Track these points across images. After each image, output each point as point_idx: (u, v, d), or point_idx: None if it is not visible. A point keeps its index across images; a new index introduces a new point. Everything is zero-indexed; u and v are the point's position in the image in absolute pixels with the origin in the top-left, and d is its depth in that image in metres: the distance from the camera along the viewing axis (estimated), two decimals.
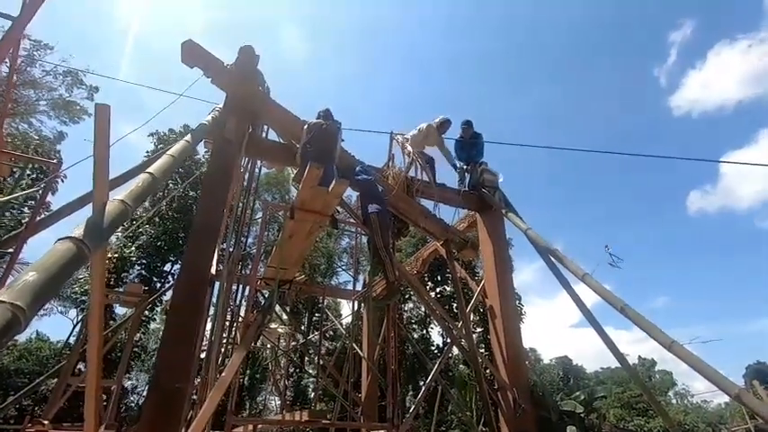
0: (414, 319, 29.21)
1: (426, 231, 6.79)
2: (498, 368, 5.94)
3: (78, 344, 8.87)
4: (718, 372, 3.30)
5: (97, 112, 2.08)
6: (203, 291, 4.36)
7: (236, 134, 5.11)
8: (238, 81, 5.43)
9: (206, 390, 4.66)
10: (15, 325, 1.29)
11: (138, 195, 2.39)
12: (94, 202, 2.02)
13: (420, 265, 8.88)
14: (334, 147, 5.22)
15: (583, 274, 4.70)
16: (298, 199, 5.02)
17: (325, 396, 18.82)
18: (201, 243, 4.36)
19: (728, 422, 38.37)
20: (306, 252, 6.91)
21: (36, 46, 19.56)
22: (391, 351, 6.48)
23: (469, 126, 7.52)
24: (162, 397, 3.54)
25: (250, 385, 25.29)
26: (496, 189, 7.08)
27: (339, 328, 11.70)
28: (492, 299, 6.41)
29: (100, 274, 2.24)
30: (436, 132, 7.30)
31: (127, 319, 10.79)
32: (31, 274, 1.46)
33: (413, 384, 25.55)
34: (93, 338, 2.47)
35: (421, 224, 6.58)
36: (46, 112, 21.13)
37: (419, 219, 6.51)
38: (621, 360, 4.93)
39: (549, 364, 45.01)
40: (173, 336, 3.85)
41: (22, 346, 22.65)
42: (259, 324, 4.53)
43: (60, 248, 1.66)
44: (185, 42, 5.14)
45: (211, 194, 4.73)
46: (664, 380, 48.91)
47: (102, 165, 2.05)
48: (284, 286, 7.40)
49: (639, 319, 3.98)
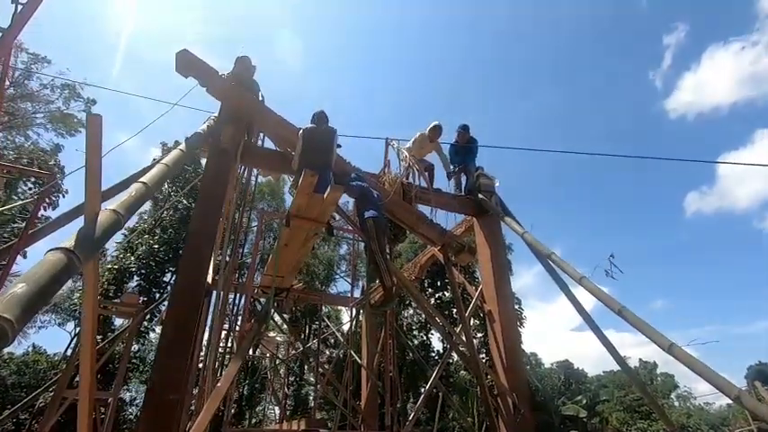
0: (414, 325, 29.10)
1: (423, 237, 6.78)
2: (498, 373, 5.90)
3: (74, 356, 8.80)
4: (717, 374, 3.28)
5: (89, 122, 2.08)
6: (199, 300, 4.33)
7: (231, 143, 5.11)
8: (234, 90, 5.44)
9: (203, 400, 4.62)
10: (3, 337, 1.27)
11: (130, 205, 2.38)
12: (86, 213, 2.01)
13: (418, 271, 8.86)
14: (329, 152, 5.17)
15: (580, 277, 4.70)
16: (293, 206, 5.01)
17: (325, 404, 18.69)
18: (197, 252, 4.34)
19: (731, 424, 38.23)
20: (302, 260, 6.89)
21: (33, 59, 19.64)
22: (389, 357, 6.44)
23: (465, 131, 7.53)
24: (158, 409, 3.50)
25: (249, 395, 25.08)
26: (493, 193, 7.09)
27: (338, 336, 11.65)
28: (490, 303, 6.39)
29: (92, 285, 2.22)
30: (428, 140, 7.33)
31: (123, 330, 10.71)
32: (20, 286, 1.45)
33: (413, 391, 25.38)
34: (85, 350, 2.45)
35: (418, 230, 6.57)
36: (43, 124, 21.14)
37: (416, 224, 6.50)
38: (622, 363, 4.91)
39: (550, 368, 44.83)
40: (168, 346, 3.81)
41: (19, 359, 22.44)
42: (255, 332, 4.49)
43: (51, 259, 1.65)
44: (180, 52, 5.14)
45: (207, 203, 4.71)
46: (665, 382, 48.73)
47: (94, 175, 2.05)
48: (281, 294, 7.38)
49: (637, 322, 3.96)
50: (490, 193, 7.03)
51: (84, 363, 2.48)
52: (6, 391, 19.69)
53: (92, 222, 1.98)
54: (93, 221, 1.98)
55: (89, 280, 2.22)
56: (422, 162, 7.24)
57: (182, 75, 5.28)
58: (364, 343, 8.76)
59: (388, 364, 6.10)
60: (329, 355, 23.62)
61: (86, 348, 2.44)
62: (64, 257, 1.67)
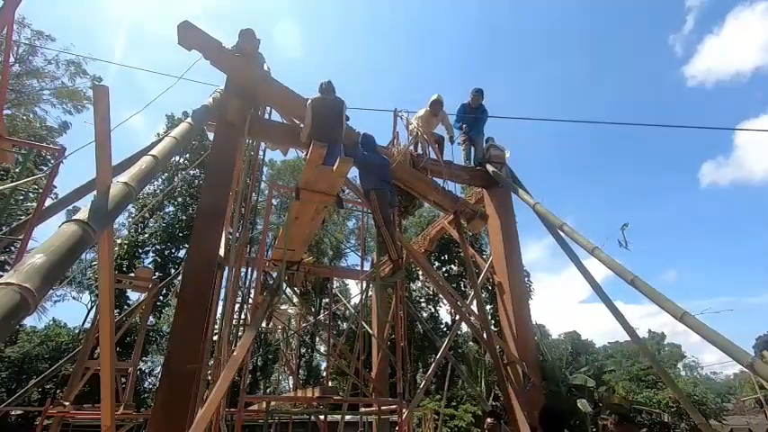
0: (422, 297, 29.48)
1: (435, 204, 6.74)
2: (508, 343, 5.98)
3: (93, 328, 9.07)
4: (730, 341, 3.27)
5: (96, 94, 2.05)
6: (212, 273, 4.39)
7: (238, 116, 5.05)
8: (239, 62, 5.33)
9: (219, 369, 4.75)
10: (24, 307, 1.29)
11: (141, 177, 2.37)
12: (98, 185, 2.01)
13: (428, 244, 8.87)
14: (338, 123, 5.07)
15: (593, 247, 4.66)
16: (302, 179, 4.98)
17: (337, 375, 19.20)
18: (208, 226, 4.36)
19: (738, 393, 38.71)
20: (313, 233, 6.92)
21: (37, 35, 19.46)
22: (399, 328, 6.54)
23: (479, 95, 7.33)
24: (174, 378, 3.60)
25: (263, 365, 25.84)
26: (503, 165, 7.00)
27: (349, 308, 11.82)
28: (500, 275, 6.41)
29: (107, 256, 2.24)
30: (432, 115, 7.18)
31: (139, 303, 10.99)
32: (38, 257, 1.46)
33: (423, 362, 25.95)
34: (104, 321, 2.50)
35: (429, 196, 6.52)
36: (50, 101, 21.14)
37: (427, 191, 6.45)
38: (631, 333, 4.92)
39: (558, 339, 45.43)
40: (184, 319, 3.89)
41: (41, 332, 23.28)
42: (268, 304, 4.57)
43: (66, 231, 1.66)
44: (182, 24, 4.98)
45: (216, 177, 4.71)
46: (673, 353, 49.28)
47: (104, 147, 2.03)
48: (292, 267, 7.45)
49: (650, 291, 3.95)
50: (501, 165, 6.94)
51: (103, 333, 2.54)
52: (31, 362, 20.52)
53: (104, 194, 1.98)
54: (105, 194, 1.98)
55: (103, 252, 2.25)
56: (431, 135, 7.12)
57: (184, 48, 5.13)
58: (374, 315, 8.89)
59: (398, 335, 6.18)
60: (339, 327, 24.14)
61: (105, 318, 2.50)
62: (79, 229, 1.67)
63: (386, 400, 6.59)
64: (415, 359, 23.89)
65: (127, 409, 8.54)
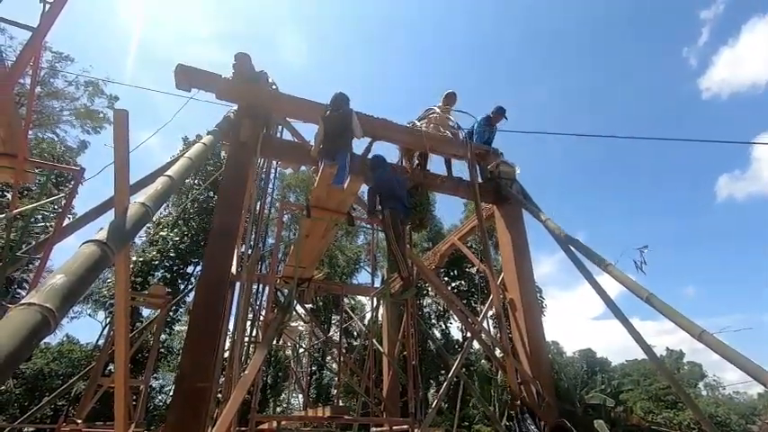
0: (432, 314, 29.15)
1: (449, 154, 7.07)
2: (521, 361, 5.87)
3: (107, 345, 9.12)
4: (751, 361, 3.18)
5: (116, 117, 2.13)
6: (224, 291, 4.43)
7: (250, 136, 5.16)
8: (244, 90, 5.43)
9: (230, 388, 4.74)
10: (45, 326, 1.33)
11: (157, 197, 2.43)
12: (116, 206, 2.07)
13: (438, 260, 8.84)
14: (347, 139, 5.10)
15: (606, 264, 4.60)
16: (313, 197, 5.04)
17: (347, 393, 18.97)
18: (220, 244, 4.43)
19: (762, 414, 37.22)
20: (323, 250, 6.95)
21: (57, 57, 20.19)
22: (410, 346, 6.48)
23: (502, 114, 7.46)
24: (186, 396, 3.61)
25: (273, 383, 25.65)
26: (514, 181, 6.99)
27: (360, 325, 11.75)
28: (512, 291, 6.34)
29: (124, 276, 2.29)
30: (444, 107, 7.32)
31: (152, 320, 11.05)
32: (58, 277, 1.51)
33: (435, 380, 25.51)
34: (119, 338, 2.53)
35: (438, 150, 6.86)
36: (69, 121, 21.79)
37: (438, 146, 6.82)
38: (648, 351, 4.81)
39: (572, 357, 44.36)
40: (195, 336, 3.92)
41: (54, 349, 23.45)
42: (279, 322, 4.57)
43: (85, 251, 1.71)
44: (177, 67, 5.05)
45: (228, 196, 4.79)
46: (693, 371, 47.69)
47: (123, 169, 2.10)
48: (303, 284, 7.47)
49: (666, 309, 3.87)
50: (511, 181, 6.94)
51: (118, 351, 2.57)
52: (44, 379, 20.63)
53: (122, 215, 2.03)
54: (122, 214, 2.04)
55: (120, 271, 2.29)
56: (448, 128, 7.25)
57: (184, 90, 5.17)
58: (385, 332, 8.83)
59: (409, 353, 6.12)
60: (350, 344, 23.93)
61: (120, 337, 2.53)
62: (98, 249, 1.72)
63: (397, 420, 6.48)
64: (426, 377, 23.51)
65: (138, 427, 8.51)
